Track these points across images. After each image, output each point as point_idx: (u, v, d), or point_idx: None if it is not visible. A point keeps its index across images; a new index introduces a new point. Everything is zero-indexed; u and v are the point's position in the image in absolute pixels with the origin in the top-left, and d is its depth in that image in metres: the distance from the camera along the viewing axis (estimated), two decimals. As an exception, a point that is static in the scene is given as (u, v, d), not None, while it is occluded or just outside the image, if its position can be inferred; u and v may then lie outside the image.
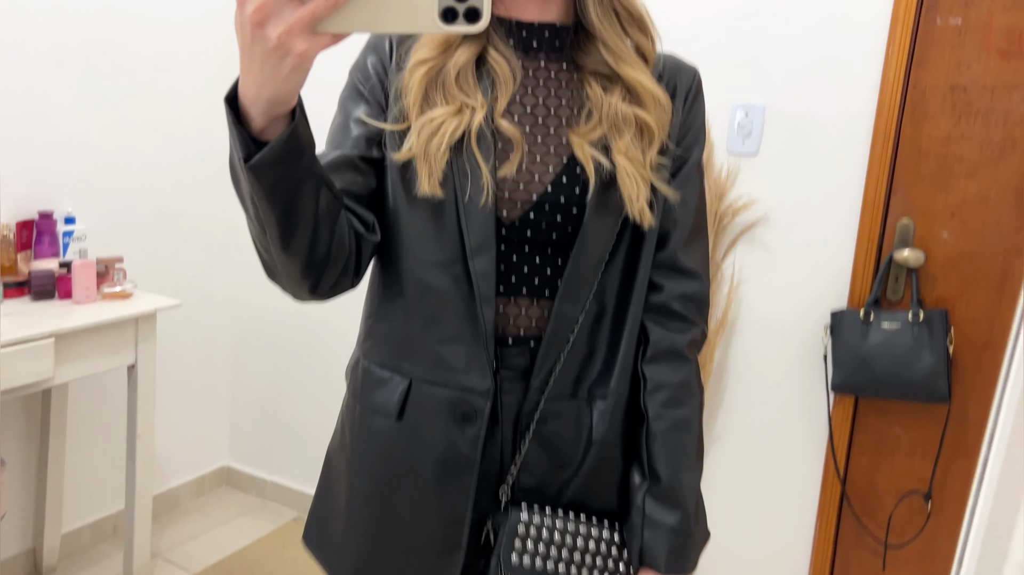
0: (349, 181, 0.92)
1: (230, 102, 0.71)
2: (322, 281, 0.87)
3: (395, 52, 0.96)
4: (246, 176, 0.73)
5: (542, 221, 0.91)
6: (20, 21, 2.26)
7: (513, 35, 0.94)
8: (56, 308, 2.16)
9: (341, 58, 1.00)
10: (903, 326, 1.88)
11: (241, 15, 0.63)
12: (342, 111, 0.97)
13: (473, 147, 0.89)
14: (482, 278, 0.90)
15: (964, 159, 1.88)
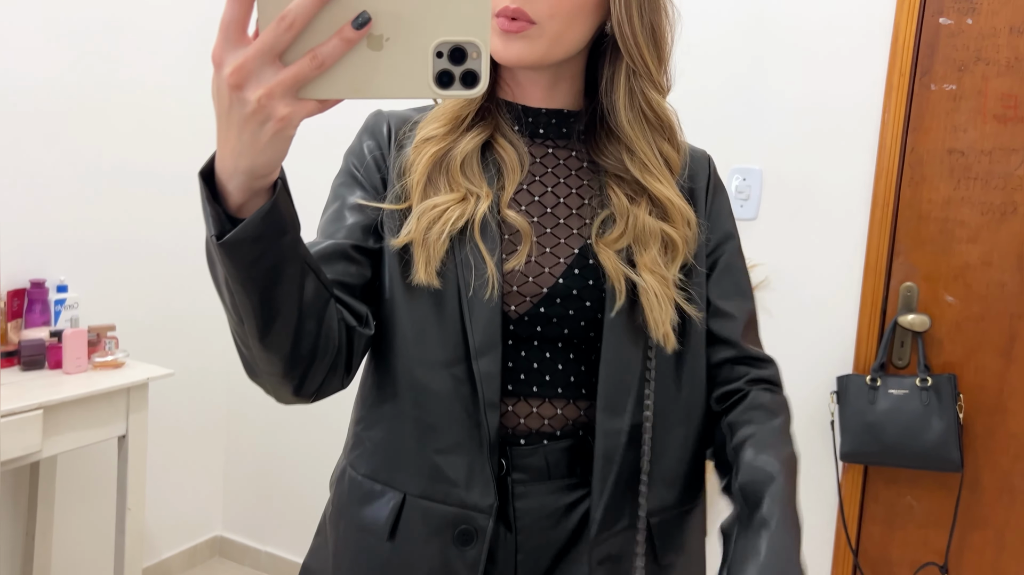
0: (341, 271, 0.85)
1: (205, 176, 0.64)
2: (307, 380, 0.79)
3: (394, 134, 0.92)
4: (219, 256, 0.65)
5: (553, 315, 0.86)
6: (13, 91, 2.27)
7: (520, 120, 0.91)
8: (46, 379, 2.11)
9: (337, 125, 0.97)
10: (911, 392, 1.85)
11: (218, 77, 0.58)
12: (336, 198, 0.91)
13: (477, 238, 0.84)
14: (487, 380, 0.83)
15: (965, 223, 1.87)
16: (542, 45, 0.82)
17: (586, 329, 0.86)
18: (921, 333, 1.91)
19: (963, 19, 1.86)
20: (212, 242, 0.65)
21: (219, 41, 0.57)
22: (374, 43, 0.58)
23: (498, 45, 0.82)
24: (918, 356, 1.90)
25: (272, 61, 0.56)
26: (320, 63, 0.56)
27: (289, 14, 0.55)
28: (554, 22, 0.81)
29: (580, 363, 0.88)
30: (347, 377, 0.85)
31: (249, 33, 0.58)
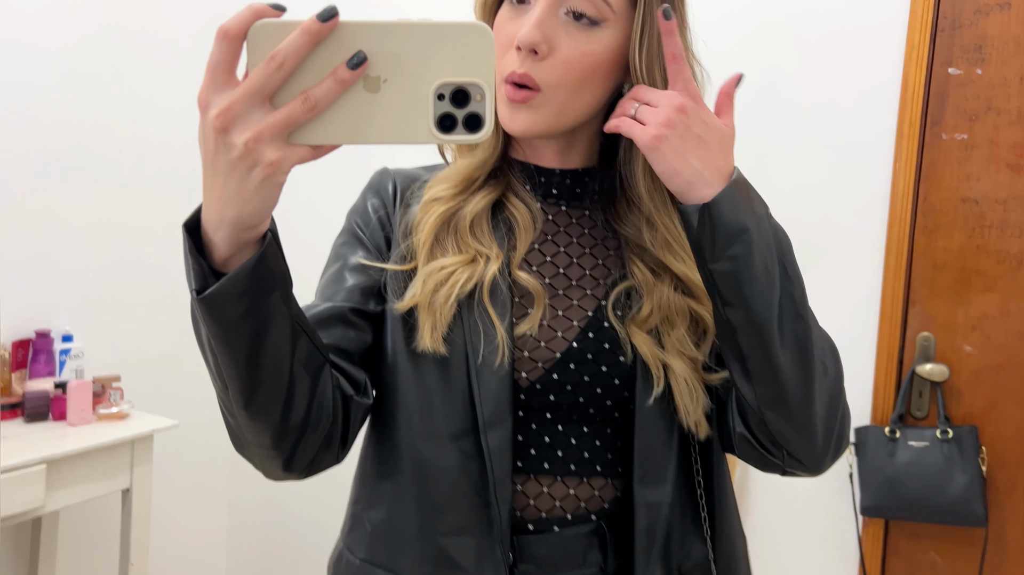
0: (339, 336, 0.79)
1: (189, 229, 0.60)
2: (298, 454, 0.72)
3: (400, 193, 0.88)
4: (201, 313, 0.60)
5: (567, 382, 0.80)
6: (21, 144, 2.28)
7: (532, 180, 0.87)
8: (50, 431, 2.08)
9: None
10: (932, 444, 1.81)
11: (204, 121, 0.54)
12: (336, 259, 0.86)
13: (486, 302, 0.79)
14: (497, 455, 0.77)
15: (982, 272, 1.86)
16: (548, 115, 0.78)
17: (602, 397, 0.81)
18: (940, 383, 1.88)
19: (972, 69, 1.87)
20: (193, 298, 0.60)
21: (205, 83, 0.54)
22: (371, 85, 0.55)
23: (504, 114, 0.79)
24: (937, 407, 1.87)
25: (261, 103, 0.54)
26: (313, 105, 0.53)
27: (280, 53, 0.53)
28: (559, 91, 0.77)
29: (595, 438, 0.82)
30: (343, 450, 0.79)
31: (239, 76, 0.55)
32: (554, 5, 0.75)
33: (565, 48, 0.75)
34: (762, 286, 0.72)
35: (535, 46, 0.75)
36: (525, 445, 0.81)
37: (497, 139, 0.84)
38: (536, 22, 0.75)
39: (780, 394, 0.74)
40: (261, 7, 0.54)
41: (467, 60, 0.55)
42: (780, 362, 0.73)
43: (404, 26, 0.55)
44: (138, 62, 2.56)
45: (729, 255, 0.71)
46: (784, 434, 0.76)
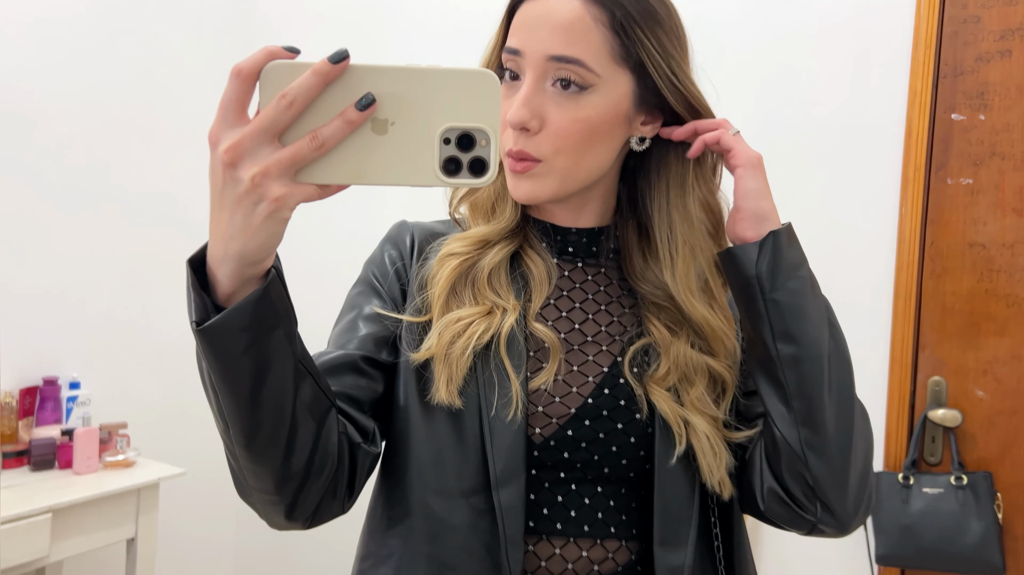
0: (349, 384, 0.79)
1: (193, 265, 0.60)
2: (301, 500, 0.71)
3: (417, 246, 0.88)
4: (201, 347, 0.60)
5: (581, 439, 0.79)
6: (31, 192, 2.30)
7: (548, 237, 0.87)
8: (55, 479, 2.07)
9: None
10: (946, 491, 1.79)
11: (213, 156, 0.55)
12: (351, 308, 0.86)
13: (503, 354, 0.78)
14: (509, 514, 0.75)
15: (991, 316, 1.85)
16: (553, 182, 0.78)
17: (617, 455, 0.79)
18: (953, 429, 1.86)
19: (975, 115, 1.88)
20: (193, 330, 0.60)
21: (217, 120, 0.55)
22: (379, 127, 0.56)
23: (510, 184, 0.80)
24: (951, 453, 1.85)
25: (270, 140, 0.55)
26: (320, 144, 0.54)
27: (290, 92, 0.54)
28: (560, 159, 0.77)
29: (609, 498, 0.81)
30: (349, 500, 0.78)
31: (250, 115, 0.56)
32: (539, 80, 0.76)
33: (556, 119, 0.76)
34: (815, 323, 0.75)
35: (524, 124, 0.76)
36: (537, 504, 0.79)
37: (516, 209, 0.85)
38: (522, 101, 0.76)
39: (823, 436, 0.75)
40: (275, 49, 0.56)
41: (473, 105, 0.56)
42: (825, 403, 0.75)
43: (412, 71, 0.56)
44: (149, 111, 2.60)
45: (788, 287, 0.75)
46: (822, 481, 0.75)
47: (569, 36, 0.75)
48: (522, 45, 0.77)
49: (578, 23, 0.75)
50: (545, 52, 0.75)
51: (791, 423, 0.75)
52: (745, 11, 2.10)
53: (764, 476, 0.80)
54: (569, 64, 0.75)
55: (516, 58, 0.77)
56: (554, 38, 0.75)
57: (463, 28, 2.51)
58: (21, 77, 2.27)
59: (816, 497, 0.76)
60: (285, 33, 2.88)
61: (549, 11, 0.76)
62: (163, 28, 2.63)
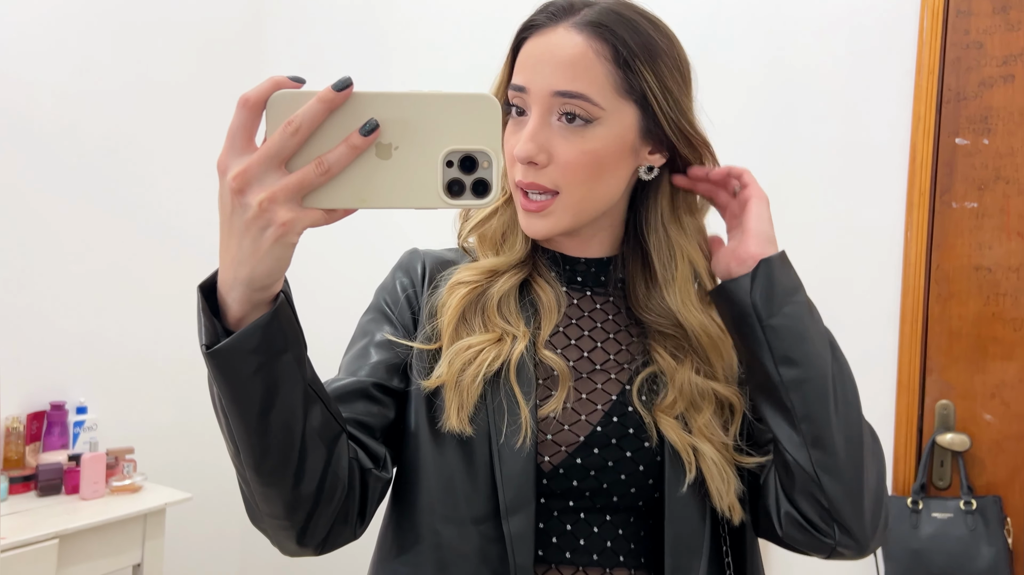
0: (361, 411, 0.79)
1: (204, 291, 0.61)
2: (312, 526, 0.71)
3: (428, 273, 0.89)
4: (211, 370, 0.61)
5: (590, 467, 0.79)
6: (38, 220, 2.32)
7: (557, 267, 0.88)
8: (62, 505, 2.07)
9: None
10: (956, 515, 1.78)
11: (221, 184, 0.57)
12: (363, 335, 0.87)
13: (512, 381, 0.78)
14: (519, 542, 0.75)
15: (998, 340, 1.85)
16: (566, 216, 0.80)
17: (626, 483, 0.79)
18: (961, 453, 1.85)
19: (979, 139, 1.89)
20: (203, 353, 0.61)
21: (225, 148, 0.57)
22: (383, 151, 0.57)
23: (523, 222, 0.81)
24: (960, 477, 1.84)
25: (277, 167, 0.56)
26: (326, 170, 0.55)
27: (296, 119, 0.55)
28: (572, 191, 0.78)
29: (618, 527, 0.81)
30: (360, 525, 0.78)
31: (258, 143, 0.57)
32: (545, 115, 0.78)
33: (563, 152, 0.77)
34: (816, 344, 0.76)
35: (531, 158, 0.77)
36: (546, 533, 0.79)
37: (526, 242, 0.87)
38: (529, 135, 0.77)
39: (833, 456, 0.75)
40: (281, 79, 0.57)
41: (475, 128, 0.57)
42: (833, 422, 0.75)
43: (415, 96, 0.57)
44: (158, 136, 2.62)
45: (785, 312, 0.76)
46: (837, 503, 0.75)
47: (573, 71, 0.76)
48: (527, 82, 0.78)
49: (581, 58, 0.76)
50: (550, 88, 0.77)
51: (800, 446, 0.75)
52: (747, 35, 2.12)
53: (780, 501, 0.80)
54: (574, 99, 0.76)
55: (522, 94, 0.79)
56: (558, 74, 0.76)
57: (462, 59, 2.54)
58: (30, 101, 2.30)
59: (833, 519, 0.76)
60: (289, 61, 2.91)
61: (552, 47, 0.77)
62: (172, 54, 2.66)
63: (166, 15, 2.63)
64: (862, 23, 1.99)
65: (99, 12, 2.44)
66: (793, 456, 0.76)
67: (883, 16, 1.97)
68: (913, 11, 1.94)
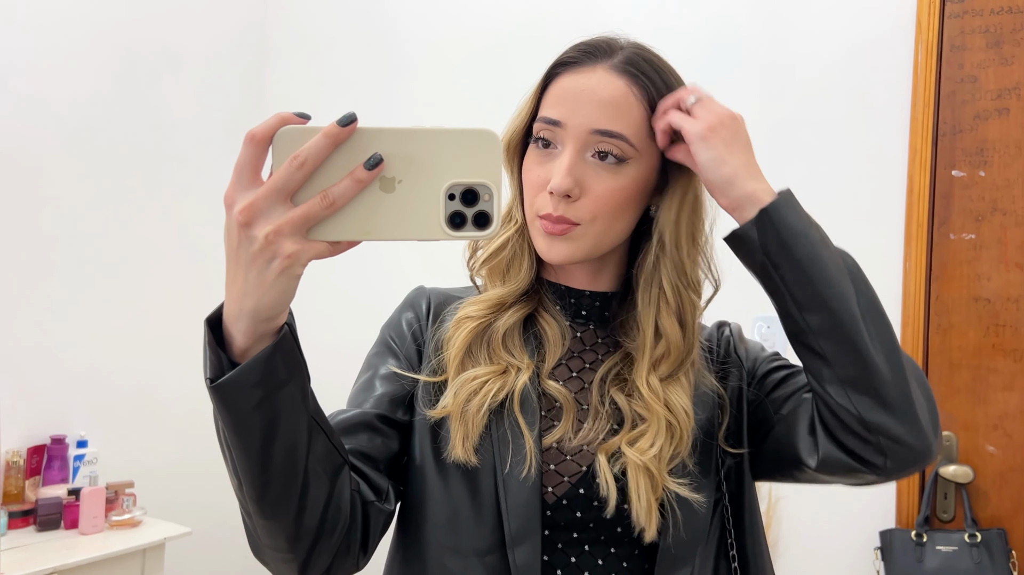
0: (364, 443, 0.80)
1: (211, 324, 0.62)
2: (314, 559, 0.71)
3: (433, 310, 0.90)
4: (215, 403, 0.61)
5: (593, 498, 0.79)
6: (41, 254, 2.34)
7: (563, 300, 0.89)
8: (61, 540, 2.06)
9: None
10: (960, 549, 1.77)
11: (228, 217, 0.57)
12: (368, 368, 0.88)
13: (516, 411, 0.80)
14: (524, 573, 0.76)
15: (999, 371, 1.85)
16: (587, 245, 0.81)
17: (628, 515, 0.79)
18: (965, 485, 1.84)
19: (975, 171, 1.91)
20: (207, 386, 0.61)
21: (232, 182, 0.58)
22: (386, 185, 0.58)
23: (542, 246, 0.82)
24: (964, 509, 1.83)
25: (283, 200, 0.57)
26: (331, 203, 0.57)
27: (302, 154, 0.56)
28: (596, 224, 0.80)
29: (622, 559, 0.81)
30: (363, 557, 0.78)
31: (264, 177, 0.58)
32: (581, 150, 0.80)
33: (596, 188, 0.79)
34: (837, 285, 0.73)
35: (568, 192, 0.78)
36: (551, 566, 0.79)
37: (531, 271, 0.87)
38: (567, 170, 0.78)
39: (877, 392, 0.72)
40: (287, 115, 0.58)
41: (476, 162, 0.59)
42: (871, 358, 0.73)
43: (417, 131, 0.59)
44: (156, 173, 2.65)
45: (797, 257, 0.73)
46: (891, 432, 0.73)
47: (615, 112, 0.79)
48: (564, 118, 0.80)
49: (622, 100, 0.79)
50: (589, 126, 0.79)
51: (841, 388, 0.74)
52: (743, 70, 2.15)
53: (822, 441, 0.77)
54: (613, 139, 0.79)
55: (555, 128, 0.80)
56: (598, 112, 0.79)
57: (461, 90, 2.57)
58: (35, 135, 2.33)
59: (884, 448, 0.74)
60: (292, 95, 2.95)
61: (593, 87, 0.80)
62: (176, 88, 2.69)
63: (170, 50, 2.67)
64: (857, 57, 2.02)
65: (105, 48, 2.48)
66: (835, 399, 0.74)
67: (878, 51, 2.00)
68: (908, 46, 1.97)
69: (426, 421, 0.82)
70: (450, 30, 2.65)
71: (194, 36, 2.75)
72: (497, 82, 2.44)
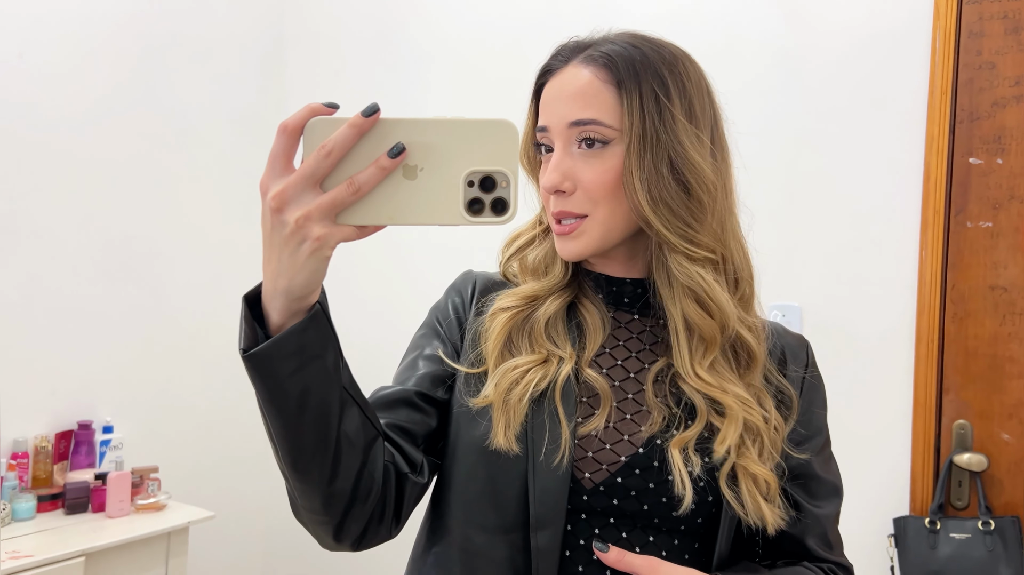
0: (404, 418, 0.83)
1: (248, 301, 0.67)
2: (347, 523, 0.75)
3: (476, 296, 0.92)
4: (249, 372, 0.66)
5: (631, 488, 0.80)
6: (64, 241, 2.38)
7: (603, 289, 0.90)
8: (88, 523, 2.11)
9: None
10: (974, 536, 1.77)
11: (264, 203, 0.62)
12: (414, 348, 0.91)
13: (557, 400, 0.81)
14: (544, 556, 0.78)
15: (1015, 359, 1.85)
16: (595, 235, 0.83)
17: (668, 506, 0.80)
18: (979, 473, 1.85)
19: (993, 159, 1.90)
20: (241, 356, 0.66)
21: (266, 171, 0.62)
22: (409, 172, 0.62)
23: (559, 246, 0.85)
24: (978, 497, 1.83)
25: (312, 187, 0.61)
26: (357, 189, 0.60)
27: (329, 143, 0.60)
28: (599, 210, 0.82)
29: (660, 547, 0.81)
30: (396, 526, 0.82)
31: (296, 166, 0.62)
32: (566, 146, 0.83)
33: (586, 176, 0.82)
34: None
35: (557, 187, 0.82)
36: (587, 550, 0.80)
37: (567, 269, 0.90)
38: (553, 166, 0.83)
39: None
40: (316, 106, 0.62)
41: (494, 151, 0.62)
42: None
43: (438, 122, 0.62)
44: (178, 165, 2.68)
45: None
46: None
47: (583, 101, 0.82)
48: (547, 121, 0.84)
49: (588, 87, 0.82)
50: (565, 120, 0.82)
51: None
52: (757, 57, 2.14)
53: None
54: (587, 125, 0.81)
55: (545, 133, 0.85)
56: (570, 105, 0.82)
57: (478, 83, 2.58)
58: (54, 126, 2.36)
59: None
60: (309, 87, 2.97)
61: (563, 84, 0.84)
62: (194, 79, 2.72)
63: (187, 42, 2.70)
64: (874, 44, 2.01)
65: (123, 39, 2.51)
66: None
67: (895, 37, 1.99)
68: (925, 33, 1.96)
69: (466, 408, 0.84)
70: (468, 20, 2.66)
71: (211, 27, 2.77)
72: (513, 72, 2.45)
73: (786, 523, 0.84)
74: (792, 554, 0.88)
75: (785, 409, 0.87)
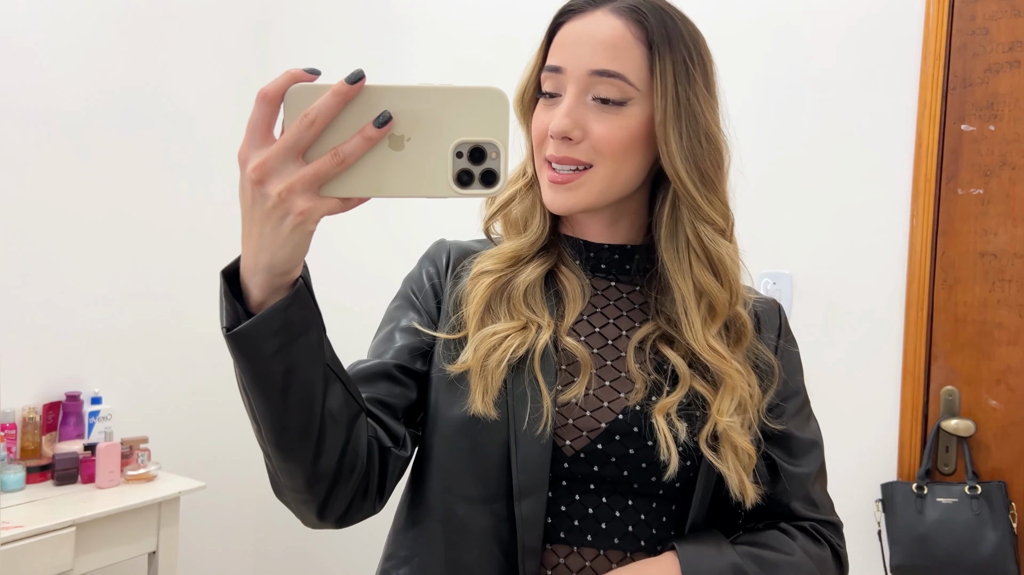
0: (384, 391, 0.82)
1: (227, 277, 0.64)
2: (331, 501, 0.74)
3: (452, 264, 0.91)
4: (232, 351, 0.63)
5: (611, 454, 0.79)
6: (52, 212, 2.35)
7: (581, 255, 0.89)
8: (78, 494, 2.11)
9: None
10: (961, 500, 1.79)
11: (243, 175, 0.59)
12: (389, 320, 0.90)
13: (536, 369, 0.80)
14: (528, 525, 0.77)
15: (1003, 326, 1.86)
16: (594, 191, 0.81)
17: (647, 472, 0.80)
18: (966, 438, 1.86)
19: (985, 125, 1.89)
20: (224, 335, 0.63)
21: (245, 141, 0.59)
22: (395, 143, 0.59)
23: (548, 196, 0.82)
24: (965, 462, 1.85)
25: (295, 158, 0.58)
26: (341, 160, 0.57)
27: (312, 112, 0.57)
28: (603, 165, 0.80)
29: (639, 512, 0.82)
30: (379, 501, 0.81)
31: (276, 135, 0.59)
32: (581, 94, 0.80)
33: (597, 129, 0.79)
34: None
35: (566, 133, 0.79)
36: (568, 516, 0.80)
37: (544, 223, 0.88)
38: (566, 111, 0.79)
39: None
40: (297, 72, 0.59)
41: (483, 120, 0.59)
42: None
43: (426, 89, 0.59)
44: (166, 128, 2.64)
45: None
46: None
47: (613, 52, 0.79)
48: (563, 62, 0.81)
49: (620, 40, 0.79)
50: (587, 67, 0.79)
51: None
52: (752, 23, 2.12)
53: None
54: (611, 78, 0.79)
55: (557, 75, 0.81)
56: (596, 53, 0.79)
57: (467, 54, 2.55)
58: (42, 96, 2.32)
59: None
60: (298, 53, 2.93)
61: (591, 29, 0.80)
62: (180, 51, 2.68)
63: (175, 13, 2.65)
64: (867, 9, 1.99)
65: (107, 9, 2.46)
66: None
67: (889, 2, 1.97)
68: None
69: (444, 375, 0.83)
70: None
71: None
72: (503, 41, 2.42)
73: (769, 487, 0.85)
74: (778, 517, 0.88)
75: (765, 379, 0.87)
